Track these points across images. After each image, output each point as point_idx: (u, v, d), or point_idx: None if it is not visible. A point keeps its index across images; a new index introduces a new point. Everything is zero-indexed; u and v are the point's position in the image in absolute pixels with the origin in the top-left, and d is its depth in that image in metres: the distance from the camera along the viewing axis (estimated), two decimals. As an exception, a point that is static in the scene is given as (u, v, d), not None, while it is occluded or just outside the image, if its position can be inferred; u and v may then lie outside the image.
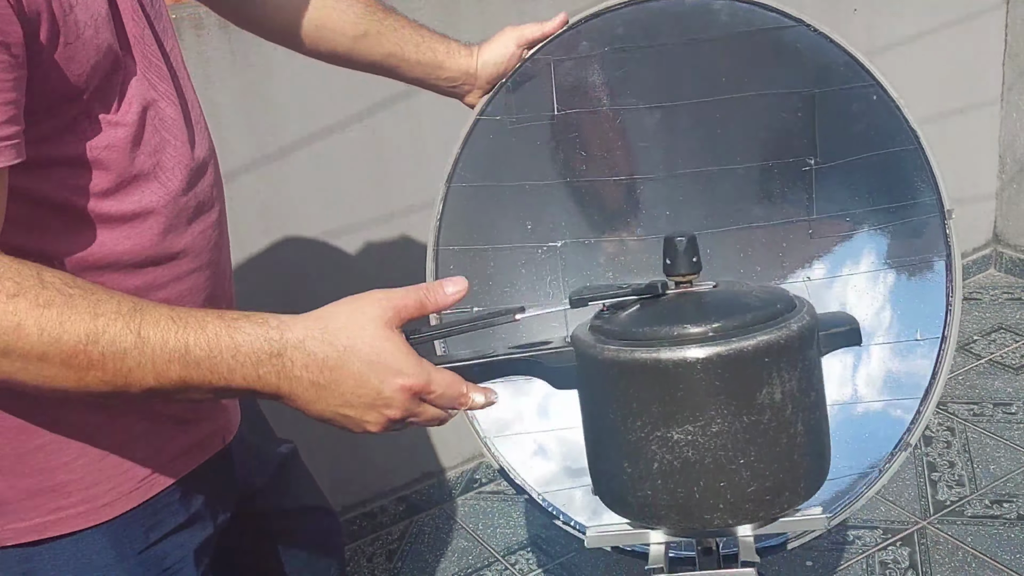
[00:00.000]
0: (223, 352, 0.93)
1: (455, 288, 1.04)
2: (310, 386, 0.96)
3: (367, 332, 0.96)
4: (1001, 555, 2.30)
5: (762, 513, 1.02)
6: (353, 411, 0.98)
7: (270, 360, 0.94)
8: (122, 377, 0.92)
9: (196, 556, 1.20)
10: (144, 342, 0.91)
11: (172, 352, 0.92)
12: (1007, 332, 3.13)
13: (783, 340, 0.99)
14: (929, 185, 1.43)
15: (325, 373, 0.95)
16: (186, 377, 0.93)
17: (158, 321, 0.92)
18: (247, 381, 0.95)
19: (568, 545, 2.46)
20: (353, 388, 0.96)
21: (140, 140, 1.04)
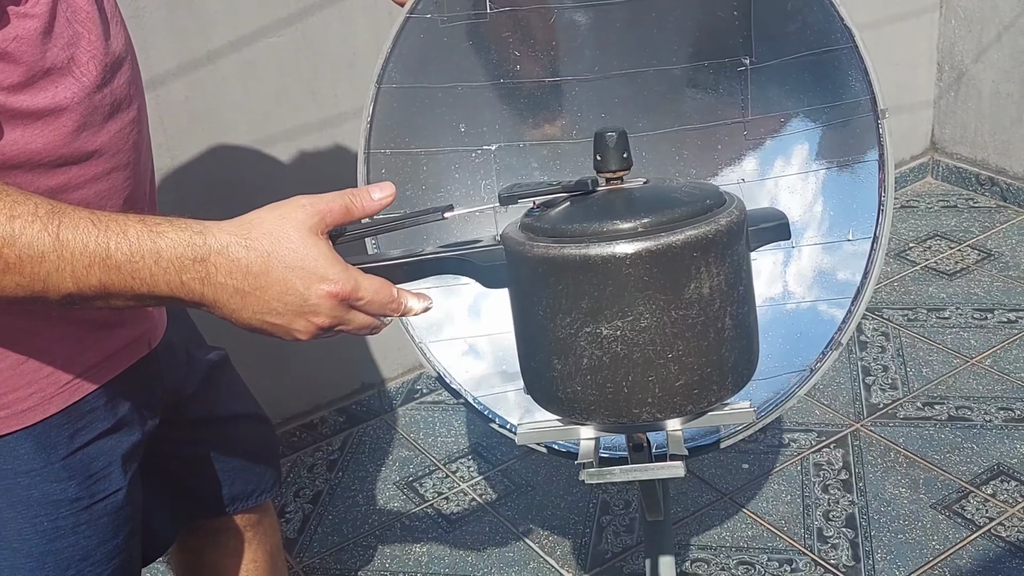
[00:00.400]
0: (145, 257, 0.91)
1: (382, 194, 1.02)
2: (234, 293, 0.94)
3: (291, 238, 0.94)
4: (931, 455, 2.35)
5: (690, 406, 1.03)
6: (280, 319, 0.96)
7: (193, 266, 0.92)
8: (40, 281, 0.89)
9: (123, 461, 1.19)
10: (63, 245, 0.89)
11: (92, 256, 0.89)
12: (942, 239, 3.17)
13: (711, 234, 0.99)
14: (864, 85, 1.42)
15: (249, 279, 0.93)
16: (106, 282, 0.90)
17: (77, 224, 0.89)
18: (170, 288, 0.92)
19: (509, 452, 2.48)
20: (278, 295, 0.94)
21: (51, 32, 1.00)
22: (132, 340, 1.20)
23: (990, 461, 2.32)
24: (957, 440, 2.39)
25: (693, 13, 1.48)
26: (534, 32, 1.49)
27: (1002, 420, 2.43)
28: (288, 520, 2.37)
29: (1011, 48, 3.15)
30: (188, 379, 1.37)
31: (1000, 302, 2.85)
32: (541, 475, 2.42)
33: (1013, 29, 3.12)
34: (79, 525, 1.16)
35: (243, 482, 1.48)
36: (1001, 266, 3.01)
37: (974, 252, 3.09)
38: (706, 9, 1.48)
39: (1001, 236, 3.15)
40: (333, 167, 2.37)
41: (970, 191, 3.40)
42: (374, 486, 2.46)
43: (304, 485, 2.47)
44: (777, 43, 1.47)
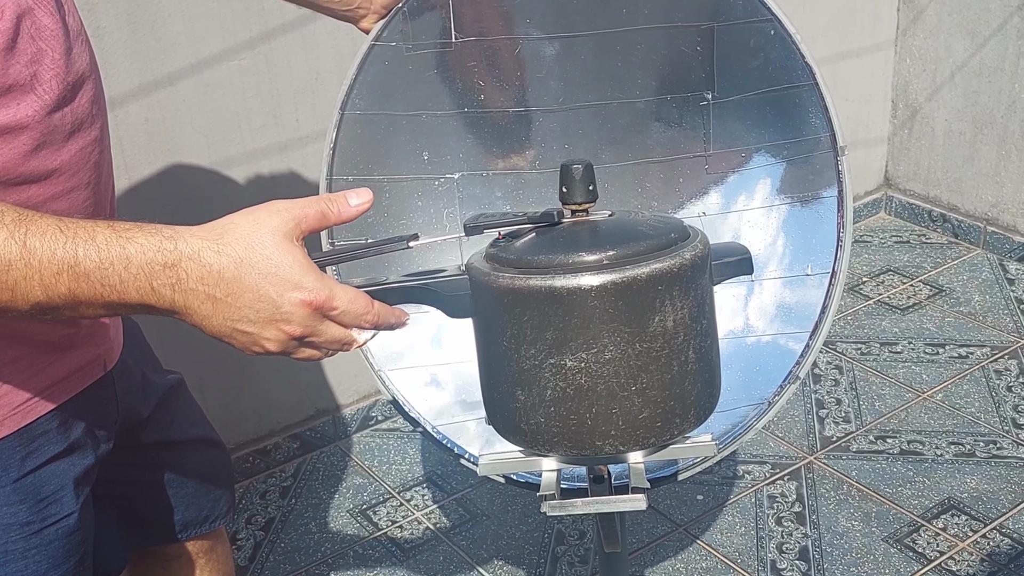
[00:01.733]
0: (114, 263, 0.89)
1: (359, 200, 0.99)
2: (206, 299, 0.91)
3: (265, 244, 0.92)
4: (883, 488, 2.37)
5: (653, 439, 1.03)
6: (251, 327, 0.93)
7: (164, 271, 0.90)
8: (7, 290, 0.88)
9: (76, 485, 1.17)
10: (31, 253, 0.87)
11: (61, 263, 0.87)
12: (895, 274, 3.21)
13: (676, 268, 1.00)
14: (823, 121, 1.44)
15: (221, 286, 0.91)
16: (76, 290, 0.89)
17: (45, 231, 0.88)
18: (140, 294, 0.90)
19: (464, 481, 2.47)
20: (250, 302, 0.92)
21: (14, 49, 0.99)
22: (87, 362, 1.18)
23: (941, 495, 2.34)
24: (909, 474, 2.41)
25: (657, 47, 1.50)
26: (500, 62, 1.49)
27: (953, 455, 2.46)
28: (240, 547, 2.34)
29: (964, 88, 3.21)
30: (143, 402, 1.35)
31: (951, 337, 2.89)
32: (496, 504, 2.41)
33: (966, 69, 3.18)
34: (29, 549, 1.14)
35: (196, 508, 1.46)
36: (952, 302, 3.05)
37: (926, 287, 3.13)
38: (670, 44, 1.49)
39: (952, 272, 3.20)
40: (293, 190, 2.36)
41: (923, 227, 3.45)
42: (327, 514, 2.43)
43: (256, 512, 2.44)
44: (739, 79, 1.49)
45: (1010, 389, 2.67)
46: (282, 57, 2.27)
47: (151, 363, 1.41)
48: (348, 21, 1.47)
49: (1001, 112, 3.13)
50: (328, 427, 2.64)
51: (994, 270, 3.19)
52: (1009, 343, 2.85)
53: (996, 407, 2.61)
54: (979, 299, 3.06)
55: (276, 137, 2.32)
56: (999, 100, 3.13)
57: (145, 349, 1.41)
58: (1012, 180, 3.17)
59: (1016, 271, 3.17)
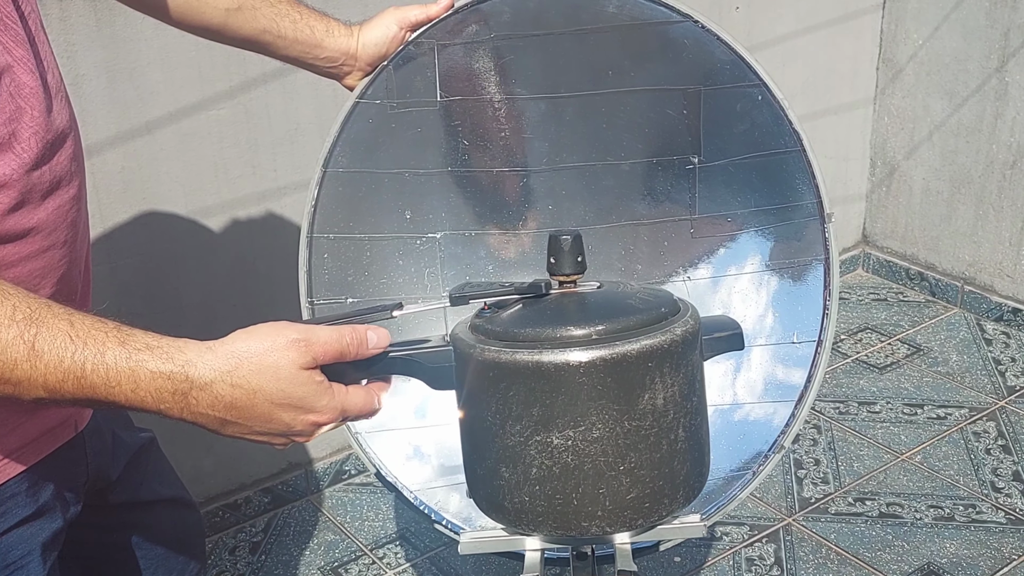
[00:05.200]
0: (122, 384, 0.89)
1: (377, 340, 1.00)
2: (215, 420, 0.93)
3: (280, 377, 0.92)
4: (863, 552, 2.35)
5: (641, 520, 1.00)
6: (262, 438, 0.97)
7: (172, 398, 0.91)
8: (11, 386, 0.89)
9: (43, 550, 1.13)
10: (37, 356, 0.88)
11: (67, 372, 0.88)
12: (873, 332, 3.21)
13: (667, 345, 0.97)
14: (810, 188, 1.43)
15: (232, 412, 0.93)
16: (80, 396, 0.90)
17: (55, 337, 0.88)
18: (145, 409, 0.92)
19: (437, 539, 2.43)
20: (262, 424, 0.94)
21: None
22: (58, 423, 1.14)
23: (920, 560, 2.32)
24: (888, 537, 2.39)
25: (643, 110, 1.48)
26: (484, 122, 1.48)
27: (932, 518, 2.44)
28: (206, 605, 2.28)
29: (941, 147, 3.23)
30: (113, 463, 1.32)
31: (929, 398, 2.88)
32: (470, 564, 2.36)
33: (943, 129, 3.20)
34: None
35: (166, 571, 1.42)
36: (930, 361, 3.04)
37: (904, 346, 3.13)
38: (656, 107, 1.48)
39: (930, 331, 3.19)
40: (270, 241, 2.33)
41: (900, 285, 3.45)
42: (298, 571, 2.38)
43: (225, 568, 2.39)
44: (726, 143, 1.48)
45: (988, 452, 2.65)
46: (261, 107, 2.25)
47: (122, 421, 1.38)
48: (332, 78, 1.45)
49: (979, 172, 3.15)
50: (300, 481, 2.59)
51: (972, 330, 3.19)
52: (987, 404, 2.84)
53: (975, 470, 2.59)
54: (957, 359, 3.05)
55: (254, 187, 2.29)
56: (977, 160, 3.14)
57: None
58: (989, 240, 3.18)
59: (993, 331, 3.18)
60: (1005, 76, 3.01)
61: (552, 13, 1.44)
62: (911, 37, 3.22)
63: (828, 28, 3.16)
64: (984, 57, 3.04)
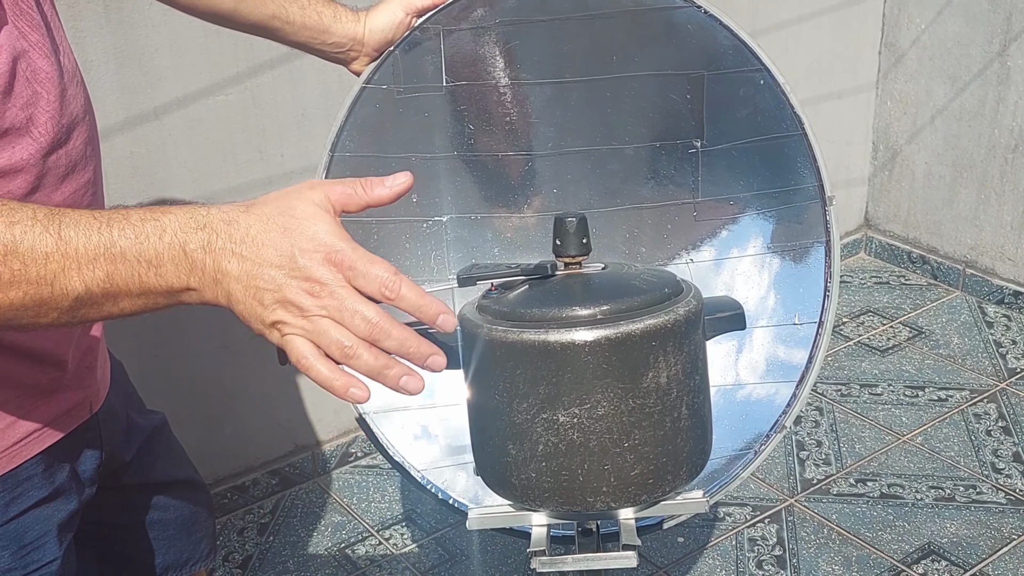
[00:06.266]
0: (149, 236, 0.88)
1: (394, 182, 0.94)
2: (233, 256, 0.88)
3: (295, 207, 0.90)
4: (864, 532, 2.37)
5: (644, 496, 1.02)
6: (271, 284, 0.89)
7: (196, 233, 0.88)
8: (47, 285, 0.86)
9: (59, 531, 1.15)
10: (66, 243, 0.86)
11: (96, 248, 0.87)
12: (875, 315, 3.23)
13: (670, 324, 0.99)
14: (811, 171, 1.45)
15: (247, 243, 0.89)
16: (113, 274, 0.87)
17: (79, 221, 0.87)
18: (175, 265, 0.88)
19: (443, 520, 2.45)
20: (272, 257, 0.88)
21: (11, 92, 0.98)
22: (73, 405, 1.16)
23: (921, 540, 2.34)
24: (889, 518, 2.41)
25: (647, 95, 1.50)
26: (490, 106, 1.49)
27: (933, 499, 2.46)
28: (215, 585, 2.31)
29: (944, 132, 3.24)
30: (127, 445, 1.34)
31: (931, 380, 2.90)
32: (476, 544, 2.39)
33: (946, 113, 3.21)
34: None
35: (177, 551, 1.44)
36: (932, 344, 3.07)
37: (906, 329, 3.15)
38: (660, 92, 1.50)
39: (932, 314, 3.21)
40: (276, 226, 2.35)
41: (902, 268, 3.47)
42: (305, 552, 2.41)
43: (234, 549, 2.42)
44: (728, 127, 1.49)
45: (989, 433, 2.68)
46: (268, 92, 2.27)
47: (135, 404, 1.40)
48: (339, 63, 1.47)
49: (981, 156, 3.16)
50: (307, 463, 2.62)
51: (973, 313, 3.21)
52: (988, 387, 2.86)
53: (975, 451, 2.62)
54: (958, 342, 3.07)
55: (261, 172, 2.31)
56: (979, 144, 3.16)
57: (130, 390, 1.39)
58: (991, 224, 3.20)
59: (995, 314, 3.19)
60: (1007, 60, 3.02)
61: (557, -1, 1.46)
62: (914, 21, 3.23)
63: (831, 13, 3.17)
64: (986, 41, 3.05)
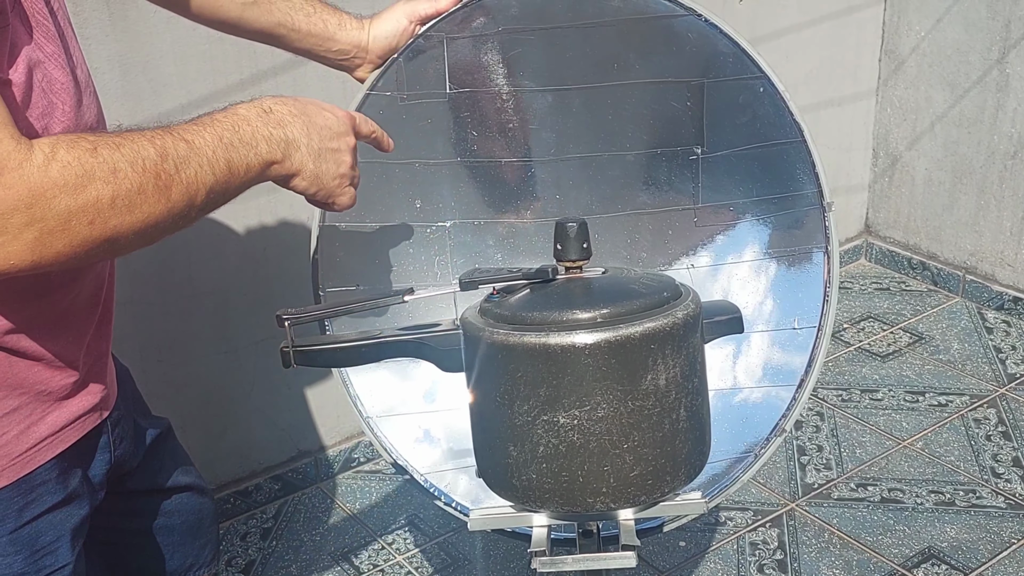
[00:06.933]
0: (240, 126, 1.09)
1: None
2: (295, 118, 1.14)
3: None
4: (864, 536, 2.38)
5: (644, 497, 1.04)
6: (333, 142, 1.19)
7: (262, 114, 1.12)
8: (193, 183, 1.02)
9: (72, 536, 1.17)
10: (192, 145, 1.03)
11: (213, 144, 1.05)
12: (875, 321, 3.24)
13: (669, 327, 1.01)
14: (810, 177, 1.47)
15: (298, 106, 1.16)
16: (230, 160, 1.06)
17: (188, 128, 1.05)
18: (268, 143, 1.11)
19: (446, 525, 2.46)
20: (322, 119, 1.18)
21: (28, 103, 0.99)
22: (85, 410, 1.18)
23: (921, 544, 2.35)
24: (889, 522, 2.42)
25: (648, 102, 1.52)
26: (492, 113, 1.51)
27: (933, 503, 2.47)
28: (219, 589, 2.32)
29: (943, 138, 3.25)
30: (135, 450, 1.35)
31: (931, 385, 2.91)
32: (478, 548, 2.40)
33: (945, 120, 3.23)
34: None
35: (182, 556, 1.45)
36: (932, 349, 3.08)
37: (906, 335, 3.16)
38: (660, 99, 1.51)
39: (932, 320, 3.23)
40: (282, 230, 2.36)
41: (902, 274, 3.48)
42: (308, 556, 2.42)
43: (237, 554, 2.43)
44: (728, 134, 1.51)
45: (989, 438, 2.69)
46: (272, 99, 2.28)
47: (142, 409, 1.41)
48: (343, 70, 1.49)
49: (980, 162, 3.17)
50: (310, 468, 2.63)
51: (973, 318, 3.22)
52: (988, 392, 2.87)
53: (975, 456, 2.63)
54: (958, 347, 3.08)
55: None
56: (978, 151, 3.17)
57: (136, 395, 1.40)
58: (991, 230, 3.21)
59: (995, 320, 3.21)
60: (1006, 68, 3.03)
61: (558, 7, 1.47)
62: (913, 29, 3.24)
63: (831, 20, 3.18)
64: (985, 48, 3.07)
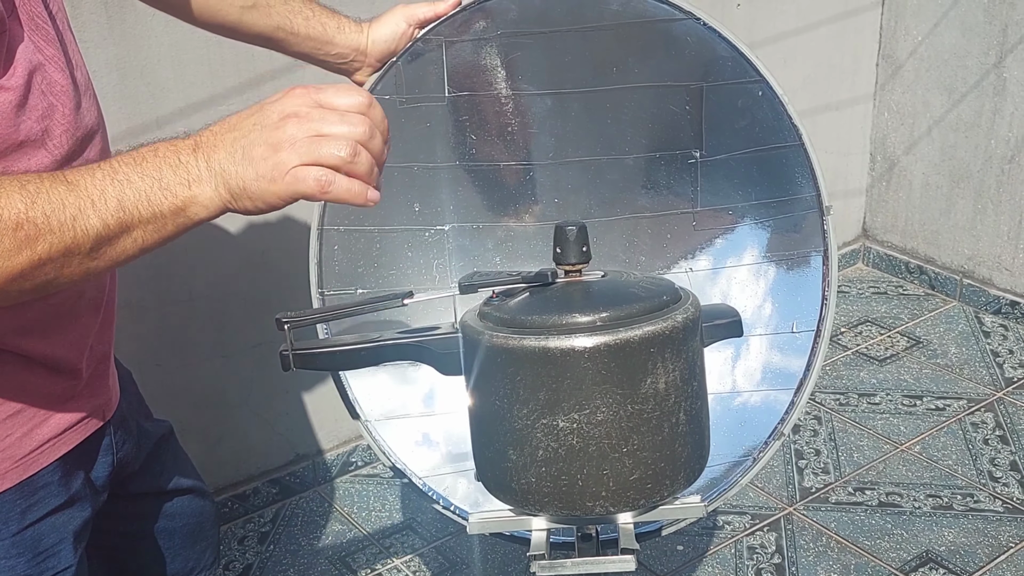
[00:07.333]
0: (145, 155, 0.93)
1: None
2: (218, 141, 0.95)
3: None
4: (862, 540, 2.38)
5: (643, 501, 1.04)
6: (260, 134, 0.95)
7: (184, 140, 0.95)
8: (68, 230, 0.89)
9: (75, 538, 1.17)
10: (76, 185, 0.90)
11: (102, 181, 0.91)
12: (873, 325, 3.24)
13: (668, 331, 1.01)
14: (809, 181, 1.47)
15: (226, 125, 0.97)
16: (123, 199, 0.91)
17: (80, 168, 0.92)
18: (174, 171, 0.93)
19: (444, 528, 2.46)
20: (249, 115, 0.97)
21: (26, 105, 0.99)
22: (87, 413, 1.18)
23: (919, 548, 2.35)
24: (887, 526, 2.42)
25: (647, 106, 1.52)
26: (491, 117, 1.51)
27: (930, 507, 2.47)
28: (216, 593, 2.32)
29: (941, 142, 3.26)
30: (137, 452, 1.35)
31: (928, 389, 2.91)
32: (476, 552, 2.40)
33: (943, 124, 3.23)
34: None
35: (183, 559, 1.45)
36: (929, 353, 3.08)
37: (903, 339, 3.16)
38: (659, 103, 1.51)
39: (929, 324, 3.23)
40: (279, 233, 2.36)
41: (900, 278, 3.48)
42: (306, 560, 2.42)
43: (234, 558, 2.43)
44: (727, 138, 1.51)
45: (986, 442, 2.69)
46: (270, 103, 2.28)
47: (144, 412, 1.41)
48: (342, 74, 1.48)
49: (978, 167, 3.18)
50: (308, 472, 2.63)
51: (970, 322, 3.23)
52: (985, 396, 2.87)
53: (973, 460, 2.63)
54: (956, 351, 3.09)
55: (263, 182, 2.32)
56: (975, 155, 3.17)
57: (139, 398, 1.40)
58: (988, 234, 3.22)
59: (992, 324, 3.21)
60: (1003, 72, 3.04)
61: (557, 11, 1.47)
62: (911, 33, 3.25)
63: (829, 24, 3.19)
64: (983, 53, 3.07)
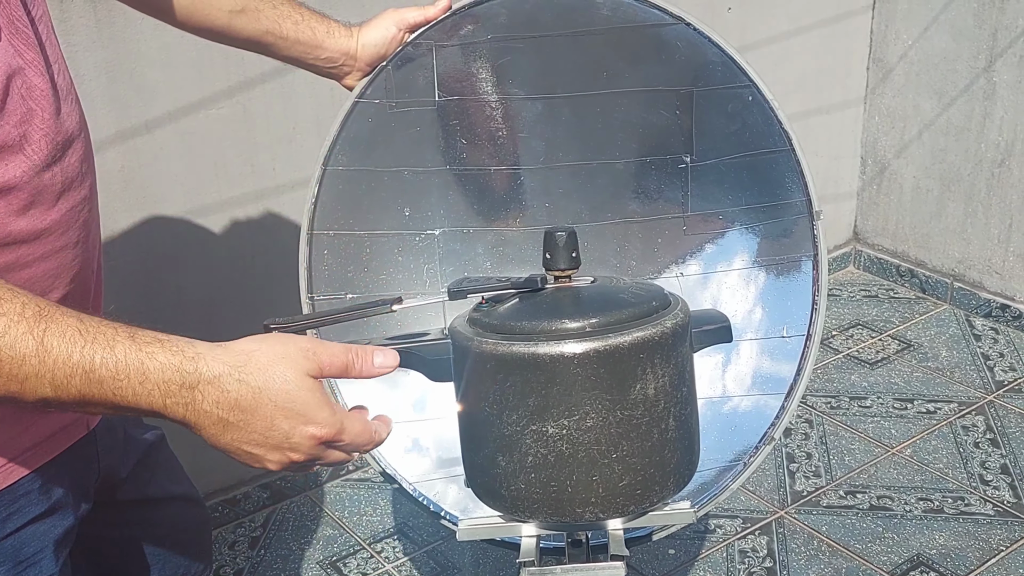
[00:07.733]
0: (131, 376, 0.89)
1: (383, 360, 1.00)
2: (218, 421, 0.93)
3: (286, 378, 0.93)
4: (853, 544, 2.38)
5: (633, 507, 1.04)
6: (257, 449, 0.95)
7: (180, 392, 0.91)
8: (17, 383, 0.87)
9: (56, 547, 1.15)
10: (46, 351, 0.87)
11: (75, 367, 0.88)
12: (864, 328, 3.25)
13: (657, 337, 1.01)
14: (799, 186, 1.46)
15: (235, 412, 0.92)
16: (87, 393, 0.89)
17: (64, 332, 0.88)
18: (152, 407, 0.91)
19: (435, 533, 2.46)
20: (262, 430, 0.93)
21: (4, 109, 0.98)
22: (70, 421, 1.17)
23: (910, 551, 2.35)
24: (878, 529, 2.42)
25: (637, 111, 1.51)
26: (481, 121, 1.51)
27: (921, 511, 2.48)
28: (206, 598, 2.31)
29: (931, 146, 3.26)
30: (124, 461, 1.34)
31: (919, 392, 2.92)
32: (467, 557, 2.39)
33: (933, 128, 3.24)
34: None
35: (173, 567, 1.44)
36: (920, 356, 3.08)
37: (895, 342, 3.16)
38: (649, 107, 1.51)
39: (920, 327, 3.23)
40: (269, 238, 2.36)
41: (891, 282, 3.49)
42: (297, 565, 2.41)
43: (225, 562, 2.42)
44: (717, 143, 1.51)
45: (977, 445, 2.69)
46: (260, 106, 2.28)
47: (133, 419, 1.40)
48: (331, 78, 1.48)
49: (968, 170, 3.18)
50: (299, 476, 2.62)
51: (961, 326, 3.23)
52: (976, 399, 2.88)
53: (964, 463, 2.63)
54: (947, 354, 3.09)
55: (253, 186, 2.32)
56: (966, 158, 3.18)
57: (127, 406, 1.39)
58: (978, 237, 3.22)
59: (982, 327, 3.21)
60: (993, 76, 3.05)
61: (547, 16, 1.47)
62: (901, 37, 3.25)
63: (819, 29, 3.19)
64: (972, 57, 3.08)
